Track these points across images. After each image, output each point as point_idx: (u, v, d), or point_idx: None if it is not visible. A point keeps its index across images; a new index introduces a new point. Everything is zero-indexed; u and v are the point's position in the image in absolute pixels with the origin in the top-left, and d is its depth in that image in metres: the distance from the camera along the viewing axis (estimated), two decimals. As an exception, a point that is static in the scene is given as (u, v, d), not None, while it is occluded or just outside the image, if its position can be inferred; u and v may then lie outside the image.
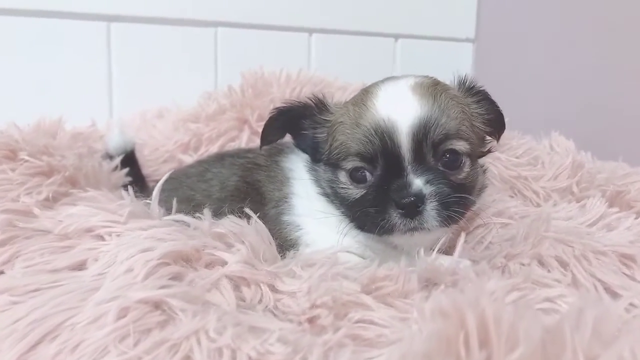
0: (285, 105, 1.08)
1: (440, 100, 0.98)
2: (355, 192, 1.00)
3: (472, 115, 1.05)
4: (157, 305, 0.70)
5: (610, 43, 2.09)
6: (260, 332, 0.68)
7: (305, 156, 1.12)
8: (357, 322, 0.73)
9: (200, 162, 1.31)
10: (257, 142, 1.23)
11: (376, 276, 0.80)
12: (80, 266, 0.83)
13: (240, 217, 0.93)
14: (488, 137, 1.10)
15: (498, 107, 1.09)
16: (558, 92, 2.22)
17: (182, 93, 1.74)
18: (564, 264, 0.95)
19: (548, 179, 1.40)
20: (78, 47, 1.71)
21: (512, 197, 1.32)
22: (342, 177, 1.02)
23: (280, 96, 1.56)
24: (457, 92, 1.04)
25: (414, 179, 0.93)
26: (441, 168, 0.97)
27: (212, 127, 1.57)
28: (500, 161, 1.43)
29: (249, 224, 0.91)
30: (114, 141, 1.36)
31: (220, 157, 1.27)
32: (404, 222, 0.92)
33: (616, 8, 2.08)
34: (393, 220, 0.92)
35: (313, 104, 1.06)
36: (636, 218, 1.14)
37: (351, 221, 1.01)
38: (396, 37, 2.29)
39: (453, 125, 0.97)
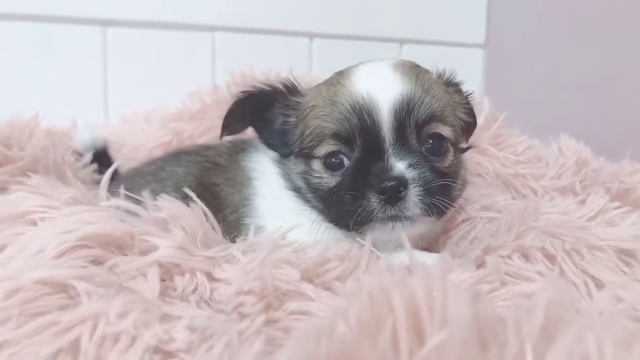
0: (252, 88, 1.00)
1: (423, 80, 0.91)
2: (330, 180, 0.91)
3: (455, 103, 0.98)
4: (61, 287, 0.61)
5: (621, 46, 1.98)
6: (172, 320, 0.59)
7: (271, 153, 1.03)
8: (292, 313, 0.63)
9: (155, 160, 1.22)
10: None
11: (325, 258, 0.69)
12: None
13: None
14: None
15: (469, 102, 1.01)
16: (570, 97, 2.11)
17: (178, 98, 1.68)
18: (551, 258, 0.83)
19: (550, 178, 1.27)
20: (74, 51, 1.70)
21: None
22: (316, 165, 0.93)
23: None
24: (437, 79, 0.97)
25: (396, 162, 0.85)
26: (425, 153, 0.88)
27: (194, 125, 1.50)
28: (498, 159, 1.31)
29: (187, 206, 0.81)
30: (81, 138, 1.34)
31: (176, 155, 1.18)
32: (384, 208, 0.83)
33: (628, 11, 1.97)
34: (372, 207, 0.83)
35: (283, 87, 0.98)
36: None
37: (325, 215, 0.91)
38: (402, 42, 2.20)
39: (438, 107, 0.89)
